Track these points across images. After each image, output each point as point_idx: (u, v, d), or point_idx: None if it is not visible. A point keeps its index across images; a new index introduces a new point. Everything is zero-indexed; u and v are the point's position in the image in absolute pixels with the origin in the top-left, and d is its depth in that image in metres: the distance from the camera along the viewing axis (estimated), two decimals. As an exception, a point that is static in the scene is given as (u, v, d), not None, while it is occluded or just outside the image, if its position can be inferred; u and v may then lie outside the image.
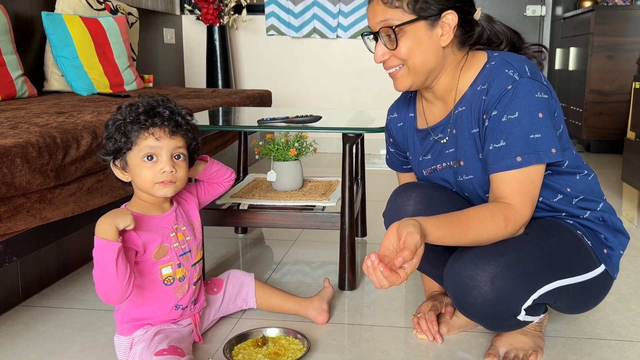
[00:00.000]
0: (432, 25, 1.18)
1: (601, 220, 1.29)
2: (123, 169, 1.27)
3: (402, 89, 1.26)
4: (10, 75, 2.35)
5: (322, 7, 4.06)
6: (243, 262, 2.00)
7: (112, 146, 1.25)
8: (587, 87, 3.82)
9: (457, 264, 1.19)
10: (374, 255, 1.02)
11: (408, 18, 1.17)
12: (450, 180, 1.32)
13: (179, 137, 1.27)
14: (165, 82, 3.99)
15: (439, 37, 1.19)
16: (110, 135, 1.25)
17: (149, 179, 1.25)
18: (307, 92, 4.25)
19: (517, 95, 1.14)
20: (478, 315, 1.20)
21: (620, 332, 1.46)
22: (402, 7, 1.17)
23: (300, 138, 1.93)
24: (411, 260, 1.02)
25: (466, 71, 1.24)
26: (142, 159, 1.24)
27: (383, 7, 1.19)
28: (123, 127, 1.23)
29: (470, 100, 1.22)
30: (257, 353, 1.31)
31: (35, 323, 1.51)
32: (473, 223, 1.13)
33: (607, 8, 3.77)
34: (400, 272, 1.01)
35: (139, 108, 1.25)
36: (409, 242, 1.02)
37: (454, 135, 1.27)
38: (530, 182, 1.15)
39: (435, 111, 1.32)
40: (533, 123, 1.13)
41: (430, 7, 1.17)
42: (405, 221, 1.06)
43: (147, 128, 1.23)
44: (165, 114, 1.25)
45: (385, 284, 1.01)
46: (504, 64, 1.18)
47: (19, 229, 1.41)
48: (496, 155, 1.16)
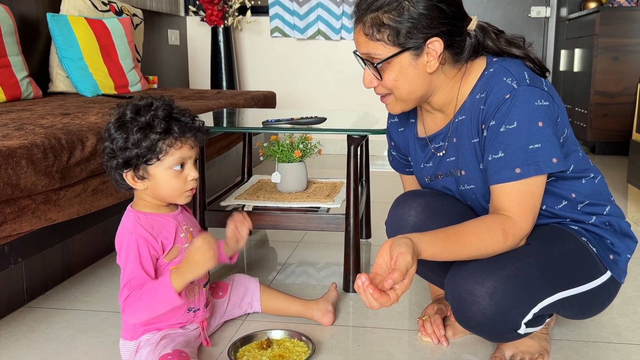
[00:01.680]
0: (417, 54, 1.14)
1: (607, 224, 1.26)
2: (141, 177, 1.23)
3: (395, 113, 1.25)
4: (15, 77, 2.36)
5: (326, 9, 4.06)
6: (247, 264, 2.00)
7: (136, 155, 1.19)
8: (592, 89, 3.80)
9: (456, 278, 1.17)
10: (364, 276, 1.01)
11: (391, 52, 1.13)
12: (452, 189, 1.31)
13: (197, 144, 1.27)
14: (170, 83, 3.99)
15: (425, 64, 1.15)
16: (136, 143, 1.19)
17: (179, 188, 1.25)
18: (311, 94, 4.25)
19: (516, 105, 1.11)
20: (478, 329, 1.18)
21: (627, 335, 1.45)
22: (383, 39, 1.13)
23: (304, 139, 1.93)
24: (402, 281, 1.01)
25: (465, 80, 1.21)
26: (170, 168, 1.22)
27: (365, 39, 1.15)
28: (152, 135, 1.19)
29: (470, 109, 1.20)
30: (261, 355, 1.30)
31: (39, 324, 1.51)
32: (470, 238, 1.11)
33: (612, 9, 3.76)
34: (390, 294, 1.01)
35: (158, 111, 1.21)
36: (400, 263, 1.01)
37: (454, 144, 1.25)
38: (530, 194, 1.12)
39: (436, 120, 1.30)
40: (532, 133, 1.10)
41: (414, 38, 1.12)
42: (398, 240, 1.05)
43: (179, 137, 1.21)
44: (190, 124, 1.24)
45: (375, 305, 1.00)
46: (503, 72, 1.15)
47: (24, 230, 1.41)
48: (495, 167, 1.13)
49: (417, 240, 1.06)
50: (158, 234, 1.25)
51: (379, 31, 1.13)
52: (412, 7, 1.11)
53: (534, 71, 1.18)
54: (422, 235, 1.08)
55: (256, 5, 4.17)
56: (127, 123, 1.21)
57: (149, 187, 1.25)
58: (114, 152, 1.22)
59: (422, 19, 1.11)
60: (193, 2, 4.16)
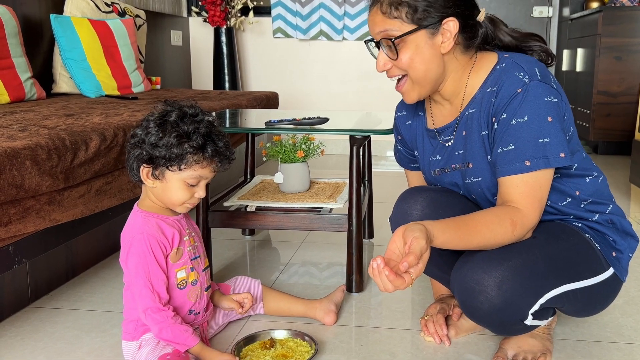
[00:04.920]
0: (433, 33, 1.17)
1: (610, 223, 1.28)
2: (156, 176, 1.24)
3: (411, 102, 1.26)
4: (19, 78, 2.37)
5: (328, 9, 4.06)
6: (250, 264, 2.01)
7: (163, 156, 1.20)
8: (595, 89, 3.80)
9: (464, 268, 1.19)
10: (380, 258, 1.02)
11: (408, 28, 1.16)
12: (459, 182, 1.32)
13: (218, 170, 1.29)
14: (173, 84, 4.00)
15: (440, 44, 1.18)
16: (168, 145, 1.19)
17: (182, 199, 1.26)
18: (313, 94, 4.26)
19: (527, 99, 1.13)
20: (485, 320, 1.19)
21: (630, 335, 1.45)
22: (400, 17, 1.15)
23: (307, 140, 1.93)
24: (416, 265, 1.02)
25: (475, 73, 1.23)
26: (186, 180, 1.24)
27: (382, 18, 1.17)
28: (185, 145, 1.20)
29: (480, 102, 1.22)
30: (265, 355, 1.31)
31: (44, 324, 1.52)
32: (480, 227, 1.12)
33: (614, 9, 3.75)
34: (405, 277, 1.02)
35: (201, 126, 1.22)
36: (415, 247, 1.02)
37: (463, 137, 1.27)
38: (538, 187, 1.14)
39: (444, 112, 1.32)
40: (542, 127, 1.12)
41: (431, 16, 1.15)
42: (412, 225, 1.06)
43: (207, 158, 1.23)
44: (222, 150, 1.25)
45: (390, 287, 1.01)
46: (514, 66, 1.17)
47: (29, 230, 1.42)
48: (505, 159, 1.15)
49: (430, 227, 1.07)
50: (166, 234, 1.26)
51: (397, 9, 1.15)
52: None
53: (545, 63, 1.21)
54: (434, 223, 1.09)
55: (258, 6, 4.18)
56: (168, 124, 1.21)
57: (157, 188, 1.26)
58: (143, 142, 1.22)
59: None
60: (196, 3, 4.17)
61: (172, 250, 1.26)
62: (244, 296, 1.43)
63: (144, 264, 1.22)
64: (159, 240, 1.24)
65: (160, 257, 1.24)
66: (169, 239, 1.26)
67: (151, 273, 1.22)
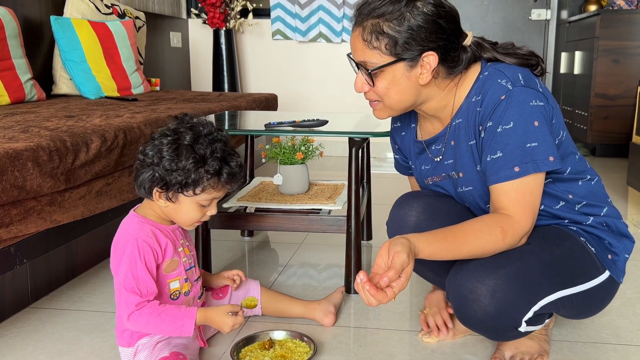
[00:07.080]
0: (412, 65, 1.16)
1: (605, 225, 1.28)
2: (169, 198, 1.24)
3: (381, 119, 1.28)
4: (19, 79, 2.38)
5: (327, 12, 4.07)
6: (249, 265, 2.02)
7: (178, 181, 1.19)
8: (593, 91, 3.82)
9: (458, 276, 1.19)
10: (363, 274, 1.04)
11: (386, 60, 1.15)
12: (450, 192, 1.32)
13: (230, 189, 1.30)
14: (172, 85, 4.01)
15: (418, 76, 1.17)
16: (185, 171, 1.18)
17: (194, 219, 1.28)
18: (312, 96, 4.27)
19: (511, 105, 1.13)
20: (479, 327, 1.20)
21: (626, 337, 1.46)
22: (380, 48, 1.15)
23: (306, 142, 1.94)
24: (398, 279, 1.04)
25: (461, 86, 1.23)
26: (199, 203, 1.25)
27: (362, 46, 1.17)
28: (201, 171, 1.19)
29: (466, 112, 1.22)
30: (263, 356, 1.32)
31: (44, 325, 1.53)
32: (468, 237, 1.13)
33: (612, 12, 3.77)
34: (387, 291, 1.04)
35: (217, 149, 1.22)
36: (396, 261, 1.04)
37: (452, 147, 1.27)
38: (529, 192, 1.14)
39: (434, 124, 1.32)
40: (529, 132, 1.12)
41: (411, 49, 1.14)
42: (396, 239, 1.07)
43: (221, 182, 1.24)
44: (237, 172, 1.26)
45: (373, 302, 1.04)
46: (497, 74, 1.17)
47: (30, 231, 1.43)
48: (494, 167, 1.15)
49: (415, 240, 1.08)
50: (159, 242, 1.26)
51: (377, 39, 1.15)
52: (412, 19, 1.13)
53: (531, 71, 1.20)
54: (420, 235, 1.11)
55: (258, 7, 4.19)
56: (182, 148, 1.19)
57: (169, 207, 1.26)
58: (156, 165, 1.20)
59: (421, 32, 1.13)
60: (195, 5, 4.18)
61: (164, 260, 1.27)
62: (234, 272, 1.47)
63: (133, 269, 1.21)
64: (153, 247, 1.24)
65: (151, 264, 1.23)
66: (162, 248, 1.26)
67: (140, 279, 1.21)
